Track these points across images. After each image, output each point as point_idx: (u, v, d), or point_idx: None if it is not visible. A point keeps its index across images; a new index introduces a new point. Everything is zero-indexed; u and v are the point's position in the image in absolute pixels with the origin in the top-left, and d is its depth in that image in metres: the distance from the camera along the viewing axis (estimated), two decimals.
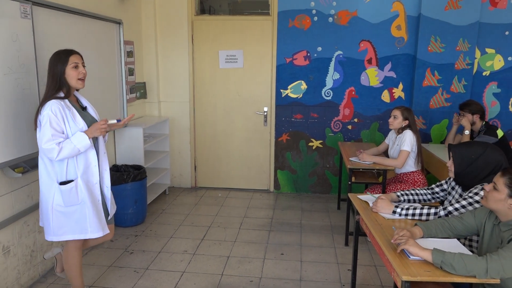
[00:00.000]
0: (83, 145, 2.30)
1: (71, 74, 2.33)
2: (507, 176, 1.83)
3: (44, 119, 2.25)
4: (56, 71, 2.32)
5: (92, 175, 2.44)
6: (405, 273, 1.73)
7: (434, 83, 4.56)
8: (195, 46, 4.99)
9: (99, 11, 3.59)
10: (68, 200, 2.36)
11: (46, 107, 2.26)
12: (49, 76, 2.34)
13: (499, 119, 4.69)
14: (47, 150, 2.23)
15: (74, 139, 2.28)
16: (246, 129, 5.13)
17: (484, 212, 2.01)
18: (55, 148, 2.23)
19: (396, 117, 3.58)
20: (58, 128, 2.26)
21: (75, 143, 2.27)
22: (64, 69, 2.31)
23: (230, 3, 5.22)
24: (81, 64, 2.37)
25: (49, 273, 3.10)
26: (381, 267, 3.29)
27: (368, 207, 2.50)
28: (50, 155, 2.25)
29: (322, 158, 5.04)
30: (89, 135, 2.32)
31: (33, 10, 2.67)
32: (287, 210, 4.60)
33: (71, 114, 2.32)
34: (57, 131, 2.26)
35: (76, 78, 2.35)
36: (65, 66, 2.31)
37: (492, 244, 1.93)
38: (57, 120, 2.25)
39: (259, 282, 3.07)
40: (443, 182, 2.57)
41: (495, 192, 1.85)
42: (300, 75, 4.85)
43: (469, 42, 4.43)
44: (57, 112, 2.26)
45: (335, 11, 4.66)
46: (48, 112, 2.24)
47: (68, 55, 2.33)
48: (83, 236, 2.43)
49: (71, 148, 2.26)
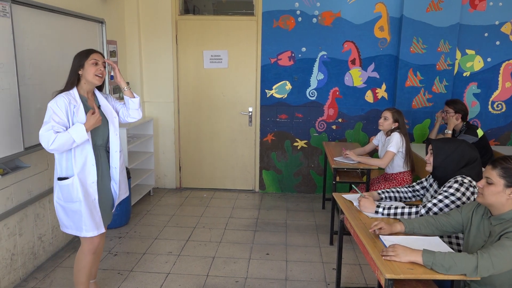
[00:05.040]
0: (79, 136, 2.26)
1: (89, 69, 2.35)
2: (499, 167, 1.82)
3: (48, 111, 2.27)
4: (74, 65, 2.36)
5: (89, 174, 2.40)
6: (388, 271, 1.75)
7: (416, 83, 4.63)
8: (179, 46, 4.96)
9: (81, 10, 3.53)
10: (66, 195, 2.38)
11: (53, 100, 2.29)
12: (70, 70, 2.39)
13: (479, 119, 4.80)
14: (43, 136, 2.22)
15: (71, 129, 2.26)
16: (231, 129, 5.12)
17: (470, 206, 2.04)
18: (51, 135, 2.21)
19: (386, 119, 3.60)
20: (60, 121, 2.26)
21: (71, 133, 2.25)
22: (83, 63, 2.34)
23: (215, 3, 5.20)
24: (102, 63, 2.39)
25: (30, 277, 3.05)
26: (366, 266, 3.32)
27: (352, 206, 2.52)
28: (44, 142, 2.22)
29: (307, 158, 5.07)
30: (86, 126, 2.29)
31: (13, 9, 2.61)
32: (272, 210, 4.61)
33: (76, 108, 2.32)
34: (59, 124, 2.26)
35: (94, 74, 2.36)
36: (84, 60, 2.34)
37: (478, 237, 1.95)
38: (60, 114, 2.26)
39: (245, 282, 3.06)
40: (423, 180, 2.64)
41: (491, 186, 1.83)
42: (285, 75, 4.87)
43: (450, 43, 4.52)
44: (62, 106, 2.27)
45: (319, 12, 4.69)
46: (53, 105, 2.26)
47: (90, 52, 2.38)
48: (79, 233, 2.44)
49: (67, 138, 2.23)
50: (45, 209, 3.25)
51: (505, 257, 1.69)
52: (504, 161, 1.83)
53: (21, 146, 2.71)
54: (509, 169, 1.80)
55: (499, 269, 1.70)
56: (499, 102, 4.76)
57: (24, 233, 3.00)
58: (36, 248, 3.16)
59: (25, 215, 3.01)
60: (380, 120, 3.65)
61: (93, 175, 2.42)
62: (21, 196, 2.95)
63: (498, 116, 4.79)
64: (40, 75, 2.93)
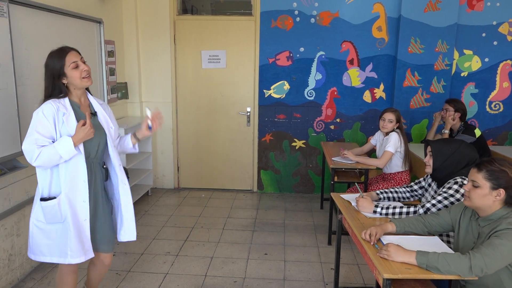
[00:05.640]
0: (66, 150, 1.98)
1: (73, 75, 2.06)
2: (484, 169, 1.84)
3: (33, 120, 2.01)
4: (52, 75, 2.06)
5: (79, 191, 2.09)
6: (386, 271, 1.76)
7: (414, 83, 4.64)
8: (178, 46, 4.95)
9: (79, 10, 3.53)
10: (50, 217, 2.06)
11: (39, 108, 2.03)
12: (46, 80, 2.08)
13: (477, 119, 4.81)
14: (26, 151, 1.97)
15: (57, 143, 1.98)
16: (229, 129, 5.12)
17: (459, 208, 2.06)
18: (35, 151, 1.95)
19: (391, 121, 3.57)
20: (45, 133, 1.99)
21: (57, 147, 1.96)
22: (63, 72, 2.04)
23: (213, 3, 5.20)
24: (81, 61, 2.09)
25: (28, 277, 3.04)
26: (364, 266, 3.32)
27: (350, 206, 2.53)
28: (28, 157, 1.98)
29: (305, 158, 5.07)
30: (74, 140, 2.00)
31: (10, 8, 2.61)
32: (271, 210, 4.61)
33: (65, 116, 2.04)
34: (44, 136, 1.99)
35: (80, 78, 2.07)
36: (63, 69, 2.04)
37: (468, 239, 1.96)
38: (46, 124, 1.99)
39: (243, 282, 3.06)
40: (421, 180, 2.64)
41: (477, 189, 1.85)
42: (283, 75, 4.87)
43: (448, 43, 4.52)
44: (49, 115, 1.99)
45: (317, 12, 4.70)
46: (39, 114, 2.00)
47: (63, 56, 2.05)
48: (62, 260, 2.10)
49: (52, 153, 1.96)
50: None
51: (496, 256, 1.71)
52: (489, 163, 1.85)
53: (18, 146, 2.70)
54: (494, 171, 1.82)
55: (492, 268, 1.72)
56: (497, 102, 4.77)
57: (21, 234, 2.99)
58: None
59: (23, 216, 3.00)
60: (384, 123, 3.59)
61: (84, 193, 2.10)
62: (19, 196, 2.95)
63: (496, 116, 4.80)
64: (38, 75, 2.91)
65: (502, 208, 1.85)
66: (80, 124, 2.02)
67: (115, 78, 4.53)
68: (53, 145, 1.97)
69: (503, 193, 1.81)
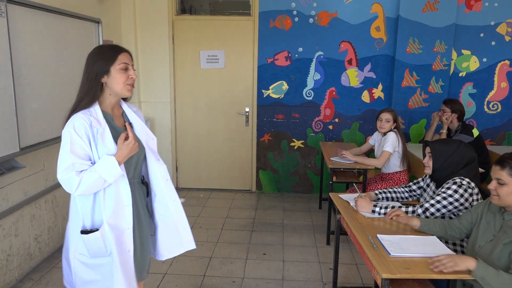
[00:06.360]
0: (111, 173, 1.68)
1: (118, 77, 1.73)
2: (507, 166, 1.82)
3: (63, 140, 1.68)
4: (93, 71, 1.72)
5: (123, 219, 1.79)
6: (384, 270, 1.76)
7: (413, 83, 4.65)
8: (176, 46, 4.95)
9: (77, 10, 3.52)
10: (94, 251, 1.76)
11: (69, 124, 1.68)
12: (84, 79, 1.75)
13: (475, 119, 4.82)
14: (64, 181, 1.67)
15: (98, 166, 1.67)
16: (228, 129, 5.12)
17: (482, 205, 2.05)
18: (74, 179, 1.64)
19: (388, 121, 3.59)
20: (82, 154, 1.67)
21: (99, 171, 1.66)
22: (108, 69, 1.72)
23: (211, 3, 5.20)
24: (131, 67, 1.79)
25: (26, 278, 3.03)
26: (362, 266, 3.33)
27: (349, 206, 2.53)
28: (67, 187, 1.68)
29: (303, 158, 5.07)
30: (119, 158, 1.70)
31: (8, 8, 2.60)
32: (269, 210, 4.61)
33: (99, 134, 1.71)
34: (81, 158, 1.67)
35: (124, 83, 1.75)
36: (110, 65, 1.72)
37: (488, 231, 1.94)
38: (81, 143, 1.67)
39: (242, 282, 3.06)
40: (420, 180, 2.64)
41: (503, 186, 1.82)
42: (282, 75, 4.87)
43: (446, 43, 4.53)
44: (81, 131, 1.67)
45: (316, 12, 4.70)
46: (70, 131, 1.66)
47: (116, 52, 1.74)
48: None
49: (95, 178, 1.66)
50: (41, 209, 3.23)
51: None
52: (511, 159, 1.83)
53: (16, 146, 2.70)
54: None
55: None
56: (495, 102, 4.78)
57: (20, 234, 2.99)
58: (32, 249, 3.15)
59: (21, 216, 3.00)
60: (382, 123, 3.61)
61: (128, 219, 1.80)
62: (17, 196, 2.94)
63: (494, 116, 4.81)
64: (36, 75, 2.92)
65: None
66: (122, 139, 1.72)
67: None
68: (95, 169, 1.67)
69: None
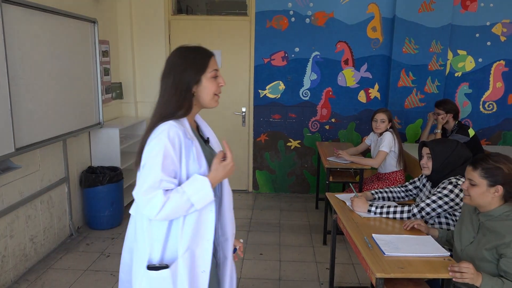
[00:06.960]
0: (201, 197, 1.39)
1: (209, 87, 1.49)
2: (479, 168, 1.85)
3: (153, 151, 1.37)
4: (183, 81, 1.44)
5: (200, 257, 1.46)
6: (379, 270, 1.76)
7: (409, 83, 4.66)
8: (172, 46, 4.94)
9: (73, 10, 3.51)
10: None
11: (162, 132, 1.38)
12: (170, 90, 1.46)
13: (470, 119, 4.83)
14: (146, 201, 1.34)
15: (188, 187, 1.38)
16: (225, 129, 5.11)
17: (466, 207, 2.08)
18: (160, 199, 1.33)
19: (384, 121, 3.61)
20: (170, 168, 1.38)
21: (189, 193, 1.36)
22: (200, 79, 1.47)
23: (208, 3, 5.19)
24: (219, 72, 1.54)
25: (21, 279, 3.02)
26: (359, 265, 3.33)
27: (345, 206, 2.53)
28: (148, 209, 1.35)
29: (300, 158, 5.08)
30: (212, 180, 1.42)
31: (3, 8, 2.59)
32: (266, 210, 4.61)
33: (193, 150, 1.43)
34: (170, 176, 1.38)
35: (213, 93, 1.51)
36: (201, 74, 1.46)
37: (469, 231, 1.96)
38: (173, 156, 1.38)
39: (238, 282, 3.06)
40: (416, 179, 2.65)
41: (475, 187, 1.86)
42: (278, 75, 4.88)
43: (442, 43, 4.55)
44: (175, 141, 1.38)
45: (312, 12, 4.71)
46: (164, 141, 1.36)
47: (206, 58, 1.49)
48: None
49: (183, 201, 1.36)
50: (37, 210, 3.22)
51: None
52: (484, 161, 1.85)
53: (12, 146, 2.68)
54: (490, 169, 1.83)
55: None
56: (490, 102, 4.80)
57: (15, 235, 2.98)
58: (28, 250, 3.14)
59: (16, 217, 2.99)
60: (377, 123, 3.63)
61: (206, 259, 1.46)
62: (12, 197, 2.93)
63: (489, 116, 4.83)
64: (31, 75, 2.91)
65: (503, 205, 1.84)
66: (219, 158, 1.46)
67: (109, 78, 4.51)
68: (183, 189, 1.37)
69: (501, 189, 1.82)
